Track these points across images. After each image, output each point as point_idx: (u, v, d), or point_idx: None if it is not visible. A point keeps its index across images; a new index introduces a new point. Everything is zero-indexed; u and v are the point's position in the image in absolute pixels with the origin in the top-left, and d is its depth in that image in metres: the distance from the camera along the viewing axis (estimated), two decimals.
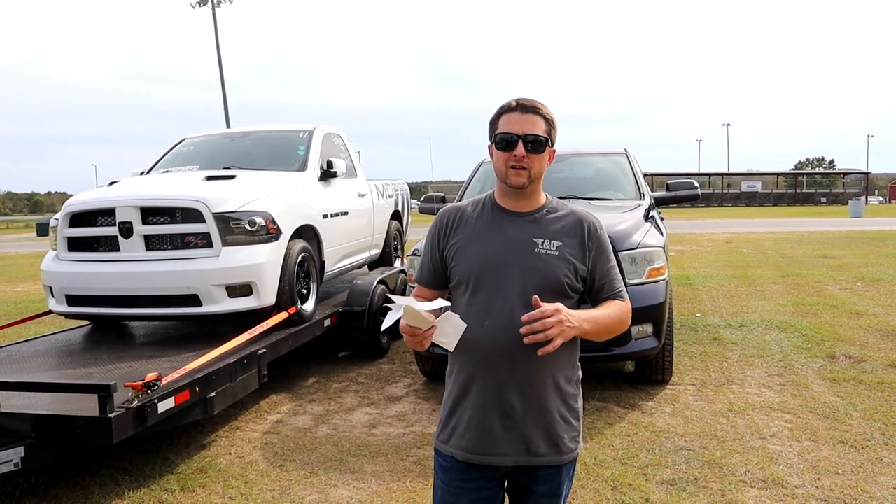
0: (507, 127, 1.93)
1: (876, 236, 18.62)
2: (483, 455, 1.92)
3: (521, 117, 1.92)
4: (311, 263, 5.74)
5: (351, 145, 7.56)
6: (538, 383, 1.90)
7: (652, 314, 4.80)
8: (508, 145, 1.91)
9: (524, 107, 1.93)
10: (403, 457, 4.18)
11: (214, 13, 38.59)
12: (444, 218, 2.05)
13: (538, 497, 1.99)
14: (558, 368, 1.93)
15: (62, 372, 4.53)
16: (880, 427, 4.34)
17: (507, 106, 1.96)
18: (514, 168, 1.92)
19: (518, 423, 1.90)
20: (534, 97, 1.98)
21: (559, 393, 1.94)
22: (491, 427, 1.90)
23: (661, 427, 4.47)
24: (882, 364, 5.71)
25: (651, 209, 5.83)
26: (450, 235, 2.01)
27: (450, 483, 1.98)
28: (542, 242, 1.92)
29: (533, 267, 1.90)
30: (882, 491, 3.50)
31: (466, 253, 1.95)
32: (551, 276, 1.89)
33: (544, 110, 1.95)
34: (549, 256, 1.91)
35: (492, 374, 1.89)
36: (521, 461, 1.92)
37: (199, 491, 3.82)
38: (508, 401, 1.89)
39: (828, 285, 10.01)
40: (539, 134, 1.92)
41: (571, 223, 1.98)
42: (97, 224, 5.08)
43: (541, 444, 1.91)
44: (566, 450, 1.96)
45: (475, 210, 2.03)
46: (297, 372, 6.22)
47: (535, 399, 1.90)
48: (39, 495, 3.83)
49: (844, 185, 68.74)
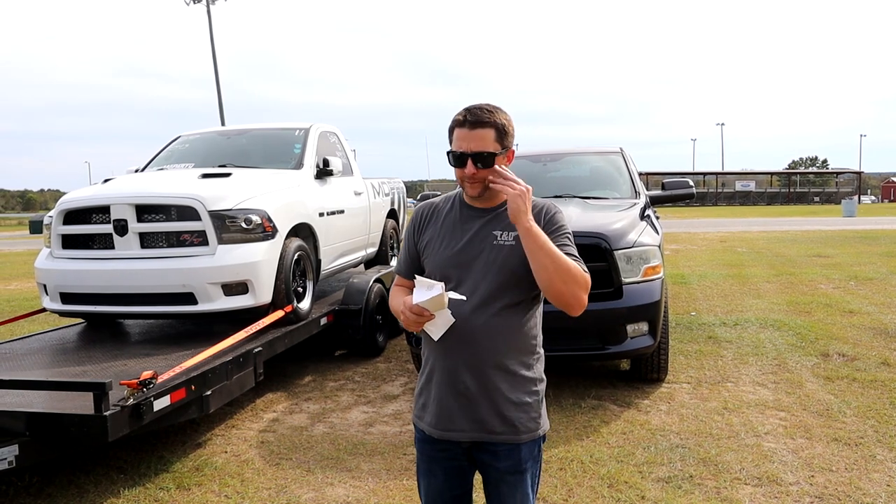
0: (457, 144, 2.01)
1: (868, 235, 18.71)
2: (445, 430, 2.08)
3: (469, 134, 1.99)
4: (307, 262, 5.74)
5: (347, 143, 7.55)
6: (490, 366, 2.03)
7: (647, 313, 4.81)
8: (459, 162, 2.01)
9: (471, 123, 1.99)
10: (400, 455, 4.18)
11: (209, 10, 38.41)
12: (418, 214, 2.21)
13: (501, 474, 2.09)
14: (511, 353, 2.05)
15: (57, 370, 4.52)
16: (873, 424, 4.37)
17: (457, 120, 2.02)
18: (469, 182, 2.03)
19: (472, 402, 2.04)
20: (487, 101, 2.03)
21: (511, 376, 2.05)
22: (450, 405, 2.06)
23: (657, 425, 4.49)
24: (875, 362, 5.74)
25: (646, 208, 5.84)
26: (423, 230, 2.17)
27: (423, 452, 2.19)
28: (501, 234, 2.04)
29: (492, 258, 2.02)
30: (875, 488, 3.52)
31: (435, 247, 2.11)
32: (510, 264, 2.01)
33: (494, 118, 1.99)
34: (507, 247, 2.02)
35: (451, 358, 2.05)
36: (478, 437, 2.06)
37: (194, 489, 3.81)
38: (463, 382, 2.04)
39: (821, 284, 10.06)
40: (486, 150, 1.98)
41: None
42: (92, 221, 5.05)
43: (495, 423, 2.04)
44: (524, 429, 2.07)
45: (446, 206, 2.17)
46: (294, 370, 6.22)
47: (489, 382, 2.03)
48: (34, 494, 3.81)
49: (837, 185, 69.06)
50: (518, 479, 2.08)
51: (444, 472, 2.15)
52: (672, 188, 6.65)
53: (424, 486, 2.21)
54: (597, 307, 4.73)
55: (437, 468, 2.15)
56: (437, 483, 2.17)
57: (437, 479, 2.16)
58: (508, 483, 2.09)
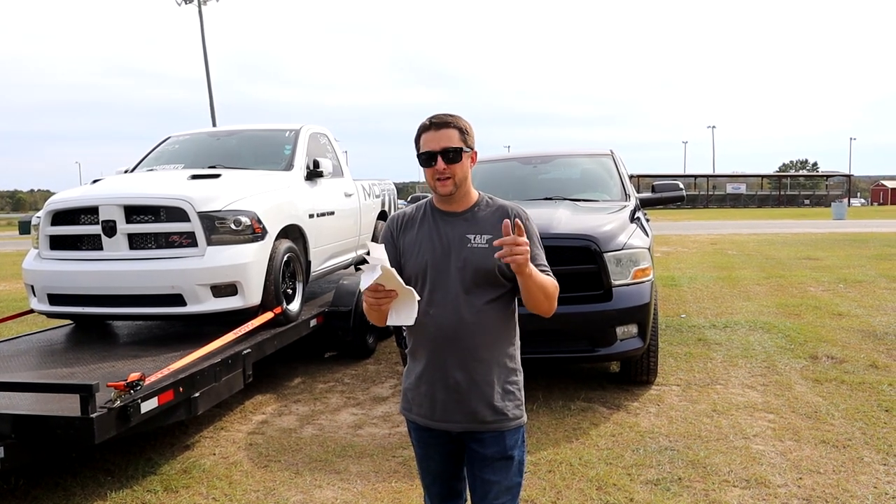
0: (426, 146, 2.19)
1: (858, 238, 18.82)
2: (440, 421, 2.22)
3: (436, 134, 2.17)
4: (296, 263, 5.72)
5: (337, 145, 7.54)
6: (477, 360, 2.17)
7: (637, 315, 4.81)
8: (429, 161, 2.17)
9: (437, 124, 2.18)
10: (389, 457, 4.18)
11: (200, 11, 38.26)
12: (394, 221, 2.33)
13: (490, 461, 2.21)
14: (497, 347, 2.21)
15: (44, 371, 4.48)
16: (861, 427, 4.39)
17: (423, 126, 2.21)
18: (440, 180, 2.17)
19: (464, 395, 2.17)
20: (448, 112, 2.24)
21: (499, 368, 2.21)
22: (442, 399, 2.19)
23: (646, 427, 4.50)
24: (863, 364, 5.77)
25: (637, 210, 5.85)
26: (400, 237, 2.28)
27: (419, 439, 2.33)
28: (474, 237, 2.18)
29: (468, 260, 2.16)
30: (863, 490, 3.54)
31: (413, 252, 2.22)
32: (484, 266, 2.14)
33: (456, 121, 2.20)
34: (481, 249, 2.15)
35: (439, 355, 2.18)
36: (470, 427, 2.20)
37: (182, 492, 3.79)
38: (453, 377, 2.17)
39: (811, 286, 10.11)
40: (453, 146, 2.16)
41: (500, 215, 2.18)
42: (80, 222, 5.02)
43: (486, 413, 2.18)
44: (512, 416, 2.21)
45: (418, 213, 2.29)
46: (283, 372, 6.20)
47: (478, 375, 2.17)
48: (20, 496, 3.78)
49: (827, 188, 69.37)
50: (505, 464, 2.21)
51: (440, 455, 2.31)
52: (662, 191, 6.66)
53: (424, 467, 2.38)
54: (586, 309, 4.74)
55: (434, 452, 2.31)
56: (435, 465, 2.34)
57: (435, 462, 2.33)
58: (497, 469, 2.21)
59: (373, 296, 1.95)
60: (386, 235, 2.32)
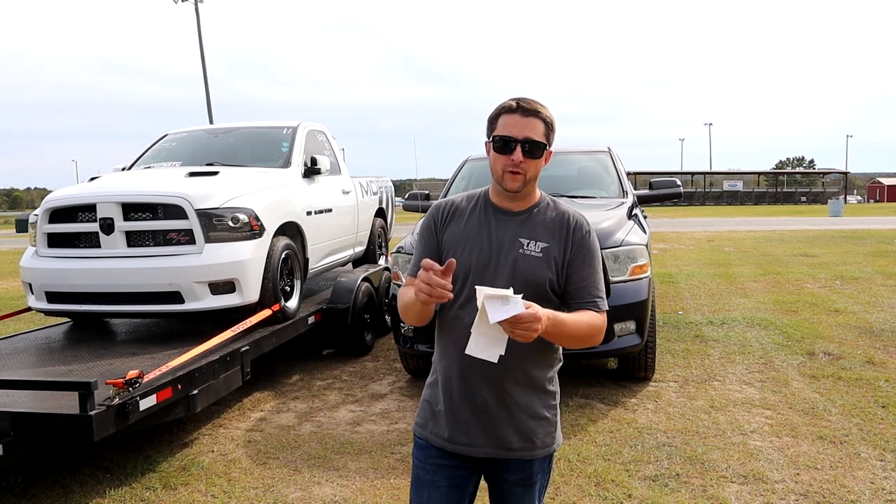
0: (506, 129, 1.90)
1: (854, 235, 18.86)
2: (459, 445, 1.96)
3: (521, 120, 1.89)
4: (294, 260, 5.72)
5: (335, 142, 7.54)
6: (511, 382, 1.92)
7: (635, 312, 4.83)
8: (506, 148, 1.89)
9: (524, 109, 1.90)
10: (387, 454, 4.18)
11: (197, 8, 38.12)
12: (439, 210, 2.04)
13: (510, 485, 2.02)
14: (533, 368, 1.95)
15: (42, 369, 4.48)
16: (858, 423, 4.41)
17: (507, 107, 1.92)
18: (511, 172, 1.90)
19: (491, 417, 1.93)
20: (533, 97, 1.94)
21: (533, 391, 1.96)
22: (466, 420, 1.95)
23: (644, 423, 4.51)
24: (860, 361, 5.79)
25: (634, 207, 5.86)
26: (443, 228, 2.01)
27: (426, 461, 2.02)
28: (528, 244, 1.92)
29: (517, 268, 1.90)
30: (860, 485, 3.56)
31: (456, 249, 1.95)
32: (533, 278, 1.89)
33: (544, 113, 1.92)
34: (534, 258, 1.91)
35: (469, 370, 1.91)
36: (494, 453, 1.96)
37: (181, 489, 3.79)
38: (482, 396, 1.92)
39: (807, 283, 10.13)
40: (538, 139, 1.89)
41: (559, 223, 1.96)
42: (77, 220, 5.01)
43: (514, 439, 1.95)
44: (541, 444, 1.99)
45: (469, 205, 2.03)
46: (281, 369, 6.20)
47: (508, 397, 1.93)
48: (18, 494, 3.78)
49: (824, 185, 69.50)
50: (527, 491, 2.04)
51: (447, 483, 2.01)
52: (659, 188, 6.68)
53: (425, 497, 2.03)
54: None
55: (441, 478, 2.01)
56: (438, 495, 2.01)
57: (440, 491, 2.01)
58: (517, 494, 2.03)
59: (435, 289, 1.68)
60: (428, 224, 2.04)
